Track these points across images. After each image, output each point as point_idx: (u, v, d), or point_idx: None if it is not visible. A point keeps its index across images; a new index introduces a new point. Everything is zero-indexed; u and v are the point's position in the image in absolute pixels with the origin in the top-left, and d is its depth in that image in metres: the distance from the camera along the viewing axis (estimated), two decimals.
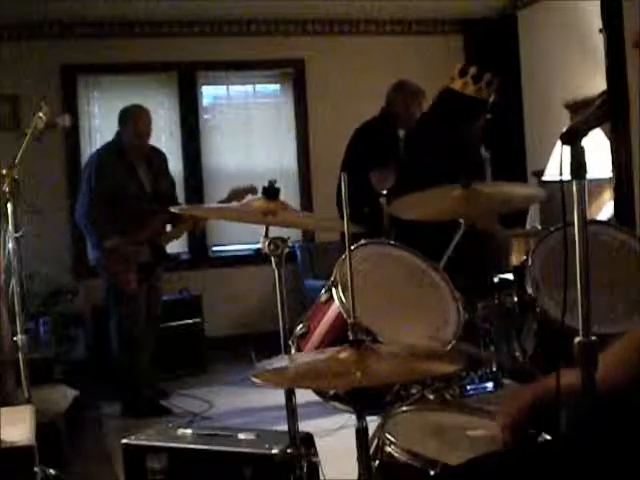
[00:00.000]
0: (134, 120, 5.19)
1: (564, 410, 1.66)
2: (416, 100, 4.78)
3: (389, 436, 1.87)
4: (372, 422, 1.82)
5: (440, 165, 3.65)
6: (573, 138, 1.33)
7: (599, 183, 5.13)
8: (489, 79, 3.78)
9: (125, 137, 5.19)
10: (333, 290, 2.24)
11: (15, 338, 3.44)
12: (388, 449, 1.85)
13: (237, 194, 5.04)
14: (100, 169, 5.09)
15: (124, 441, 2.60)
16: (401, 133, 4.82)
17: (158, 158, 5.41)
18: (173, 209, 2.58)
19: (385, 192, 3.75)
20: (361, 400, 1.75)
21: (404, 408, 2.09)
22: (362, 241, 2.43)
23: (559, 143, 1.33)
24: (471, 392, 2.30)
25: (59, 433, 4.01)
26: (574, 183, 1.33)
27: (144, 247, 5.19)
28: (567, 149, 1.33)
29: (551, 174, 5.16)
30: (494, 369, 2.53)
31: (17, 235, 3.38)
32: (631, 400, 1.59)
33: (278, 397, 2.45)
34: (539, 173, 5.65)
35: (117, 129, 5.25)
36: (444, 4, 6.77)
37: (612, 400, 1.54)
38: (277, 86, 7.19)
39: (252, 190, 4.92)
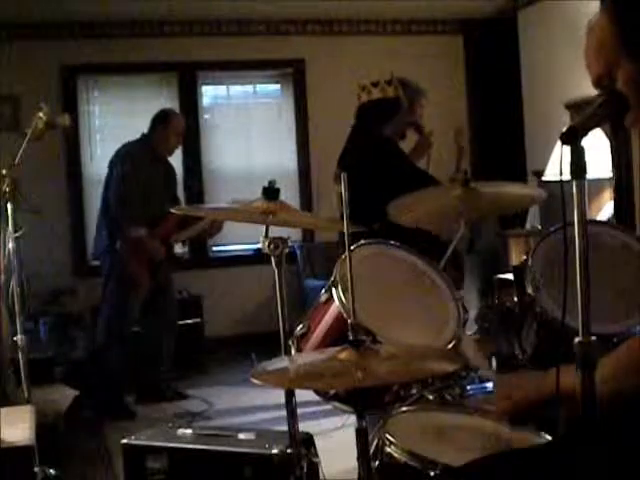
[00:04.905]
0: (176, 123, 5.37)
1: (563, 411, 1.66)
2: (420, 99, 4.75)
3: (389, 436, 1.87)
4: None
5: (385, 169, 3.72)
6: (573, 138, 1.33)
7: (599, 183, 5.13)
8: (387, 78, 3.91)
9: (161, 137, 5.32)
10: (333, 290, 2.24)
11: (15, 338, 3.44)
12: (388, 449, 1.84)
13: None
14: (134, 160, 5.20)
15: (124, 441, 2.60)
16: None
17: (171, 167, 5.57)
18: (173, 209, 2.58)
19: None
20: (361, 400, 1.75)
21: (404, 408, 2.09)
22: (362, 241, 2.43)
23: (559, 143, 1.32)
24: (471, 392, 2.29)
25: (59, 433, 4.01)
26: (574, 183, 1.33)
27: (163, 246, 5.26)
28: (567, 149, 1.33)
29: (551, 174, 5.16)
30: (494, 369, 2.53)
31: (17, 235, 3.38)
32: (632, 409, 1.59)
33: (278, 397, 2.45)
34: (539, 173, 5.66)
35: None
36: (444, 4, 6.77)
37: (613, 408, 1.53)
38: (277, 86, 7.19)
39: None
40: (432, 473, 1.72)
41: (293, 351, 2.26)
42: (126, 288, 5.14)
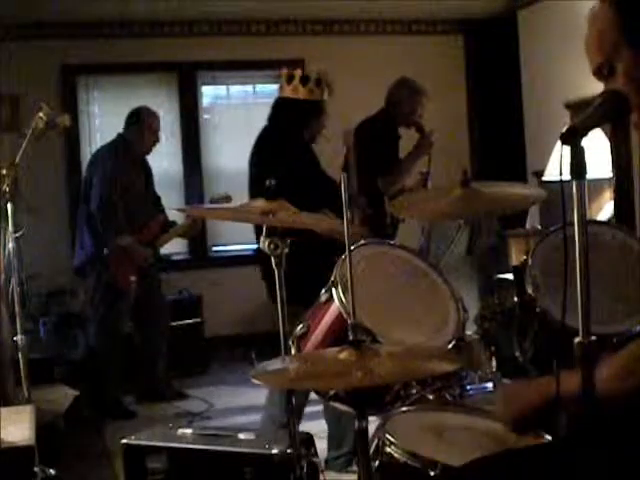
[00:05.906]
0: (150, 120, 5.29)
1: (564, 414, 1.66)
2: (422, 99, 4.75)
3: (389, 436, 1.87)
4: (372, 422, 1.82)
5: (295, 171, 3.66)
6: (573, 138, 1.33)
7: (599, 183, 5.13)
8: (317, 77, 3.82)
9: (136, 137, 5.24)
10: (333, 290, 2.24)
11: (15, 338, 3.45)
12: (388, 449, 1.85)
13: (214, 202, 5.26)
14: (113, 162, 5.13)
15: (124, 441, 2.60)
16: (401, 131, 4.81)
17: (149, 167, 5.50)
18: (174, 209, 2.58)
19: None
20: (361, 400, 1.75)
21: (404, 408, 2.09)
22: (362, 241, 2.43)
23: (559, 143, 1.32)
24: (471, 392, 2.29)
25: (59, 433, 4.01)
26: (574, 183, 1.32)
27: (150, 250, 5.24)
28: (567, 149, 1.33)
29: (551, 174, 5.15)
30: (494, 369, 2.53)
31: (17, 235, 3.38)
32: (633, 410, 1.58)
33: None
34: (539, 173, 5.65)
35: (120, 130, 5.31)
36: (444, 4, 6.76)
37: (614, 408, 1.53)
38: (277, 86, 7.17)
39: (228, 199, 5.12)
40: (432, 473, 1.72)
41: (293, 351, 2.26)
42: (115, 292, 5.12)
